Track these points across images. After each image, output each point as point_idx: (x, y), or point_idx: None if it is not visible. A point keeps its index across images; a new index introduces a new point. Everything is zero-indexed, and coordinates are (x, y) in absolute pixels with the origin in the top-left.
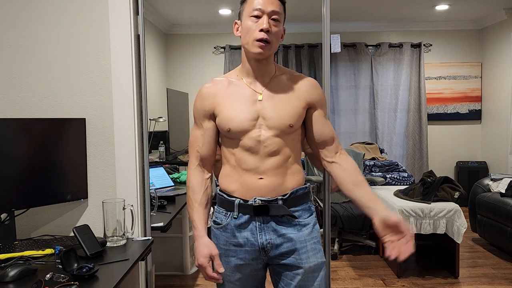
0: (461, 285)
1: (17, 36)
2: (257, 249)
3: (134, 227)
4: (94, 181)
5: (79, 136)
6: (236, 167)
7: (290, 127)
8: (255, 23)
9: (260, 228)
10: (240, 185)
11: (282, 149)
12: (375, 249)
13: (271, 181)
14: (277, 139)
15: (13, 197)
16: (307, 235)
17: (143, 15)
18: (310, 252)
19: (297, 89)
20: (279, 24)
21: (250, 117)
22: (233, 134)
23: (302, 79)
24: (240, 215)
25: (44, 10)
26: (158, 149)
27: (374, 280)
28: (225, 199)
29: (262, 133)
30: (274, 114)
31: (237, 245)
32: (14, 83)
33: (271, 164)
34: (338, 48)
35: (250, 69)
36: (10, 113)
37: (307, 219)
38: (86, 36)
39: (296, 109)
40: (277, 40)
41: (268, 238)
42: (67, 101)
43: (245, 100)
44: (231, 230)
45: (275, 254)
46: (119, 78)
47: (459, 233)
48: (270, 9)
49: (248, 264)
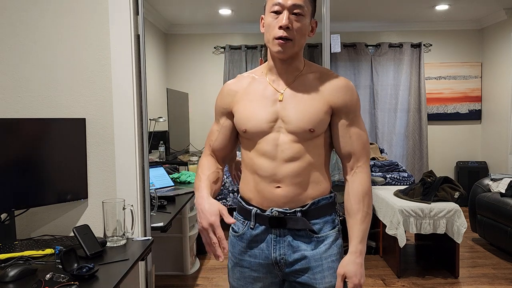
0: (461, 285)
1: (17, 36)
2: (271, 263)
3: (134, 227)
4: (94, 181)
5: (79, 136)
6: (253, 173)
7: (311, 132)
8: (275, 20)
9: (275, 241)
10: (258, 193)
11: (303, 155)
12: (375, 249)
13: (289, 190)
14: (297, 144)
15: (13, 197)
16: (323, 253)
17: (143, 15)
18: (326, 272)
19: (322, 90)
20: (303, 19)
21: (268, 118)
22: (249, 135)
23: (331, 79)
24: (257, 226)
25: (44, 10)
26: (158, 149)
27: (374, 280)
28: (243, 207)
29: (280, 136)
30: (293, 117)
31: (252, 256)
32: (14, 83)
33: (289, 171)
34: (338, 48)
35: (274, 66)
36: (10, 113)
37: (327, 233)
38: (86, 36)
39: (318, 112)
40: (301, 37)
41: (282, 253)
42: (67, 101)
43: (265, 100)
44: (247, 240)
45: (290, 270)
46: (119, 78)
47: (459, 233)
48: (291, 3)
49: (263, 277)
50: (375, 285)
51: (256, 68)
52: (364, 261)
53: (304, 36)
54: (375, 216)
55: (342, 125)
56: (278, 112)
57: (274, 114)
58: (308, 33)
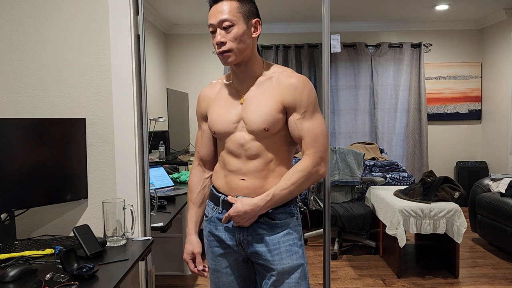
0: (461, 285)
1: (17, 36)
2: (234, 243)
3: (134, 227)
4: (94, 181)
5: (79, 136)
6: (223, 167)
7: (266, 131)
8: (214, 39)
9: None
10: (226, 184)
11: (263, 152)
12: (375, 249)
13: (252, 183)
14: (257, 142)
15: (13, 197)
16: (282, 237)
17: (143, 15)
18: (283, 254)
19: (276, 90)
20: (233, 28)
21: (233, 120)
22: (218, 136)
23: (285, 78)
24: (224, 211)
25: (44, 10)
26: (158, 149)
27: (374, 280)
28: (214, 194)
29: (243, 136)
30: (251, 118)
31: (218, 237)
32: (14, 83)
33: (252, 167)
34: (338, 48)
35: (234, 73)
36: (10, 113)
37: (285, 220)
38: (86, 36)
39: (272, 112)
40: (239, 43)
41: (245, 235)
42: (67, 101)
43: (230, 103)
44: (214, 223)
45: (251, 251)
46: (119, 78)
47: (459, 233)
48: (218, 20)
49: (229, 254)
50: (375, 285)
51: (226, 74)
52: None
53: (243, 41)
54: (375, 216)
55: (294, 120)
56: (240, 114)
57: (237, 116)
58: (251, 33)
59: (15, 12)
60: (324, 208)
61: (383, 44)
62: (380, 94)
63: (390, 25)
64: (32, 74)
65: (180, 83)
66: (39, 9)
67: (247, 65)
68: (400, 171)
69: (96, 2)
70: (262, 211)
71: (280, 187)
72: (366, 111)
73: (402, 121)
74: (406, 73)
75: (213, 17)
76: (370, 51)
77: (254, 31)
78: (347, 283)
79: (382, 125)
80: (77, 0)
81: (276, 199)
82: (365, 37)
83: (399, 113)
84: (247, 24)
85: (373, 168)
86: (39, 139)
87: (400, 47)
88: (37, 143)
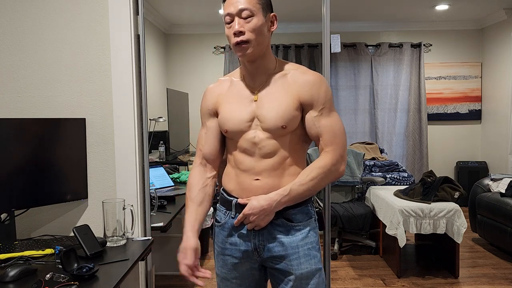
0: (461, 285)
1: (17, 36)
2: (250, 249)
3: (134, 227)
4: (94, 181)
5: (79, 136)
6: (234, 167)
7: (283, 129)
8: (230, 29)
9: (254, 229)
10: (238, 185)
11: (278, 150)
12: (375, 249)
13: (267, 182)
14: (272, 141)
15: (13, 197)
16: (300, 241)
17: (143, 15)
18: (302, 259)
19: (292, 87)
20: (253, 18)
21: (246, 118)
22: (230, 135)
23: (300, 75)
24: (237, 215)
25: (44, 10)
26: (158, 149)
27: (374, 280)
28: (225, 198)
29: (257, 134)
30: (267, 115)
31: (233, 243)
32: (14, 83)
33: (266, 166)
34: (338, 48)
35: (246, 69)
36: (10, 113)
37: (303, 222)
38: (86, 36)
39: (289, 109)
40: (258, 34)
41: (261, 240)
42: (67, 101)
43: (242, 101)
44: (228, 229)
45: (267, 256)
46: (119, 78)
47: (459, 233)
48: (237, 9)
49: (243, 263)
50: (375, 285)
51: (234, 71)
52: (364, 261)
53: (262, 33)
54: (375, 216)
55: (311, 117)
56: (254, 111)
57: (250, 114)
58: (268, 28)
59: (15, 12)
60: (324, 208)
61: (383, 44)
62: (380, 94)
63: (390, 25)
64: (32, 74)
65: (180, 83)
66: (39, 9)
67: (262, 60)
68: (400, 171)
69: (96, 2)
70: (279, 207)
71: (298, 183)
72: (366, 111)
73: (402, 121)
74: (406, 73)
75: (232, 6)
76: (370, 51)
77: (271, 26)
78: (347, 283)
79: (382, 125)
80: (77, 0)
81: (293, 195)
82: (365, 37)
83: (399, 113)
84: (265, 17)
85: (373, 168)
86: (39, 139)
87: (400, 47)
88: (37, 143)
